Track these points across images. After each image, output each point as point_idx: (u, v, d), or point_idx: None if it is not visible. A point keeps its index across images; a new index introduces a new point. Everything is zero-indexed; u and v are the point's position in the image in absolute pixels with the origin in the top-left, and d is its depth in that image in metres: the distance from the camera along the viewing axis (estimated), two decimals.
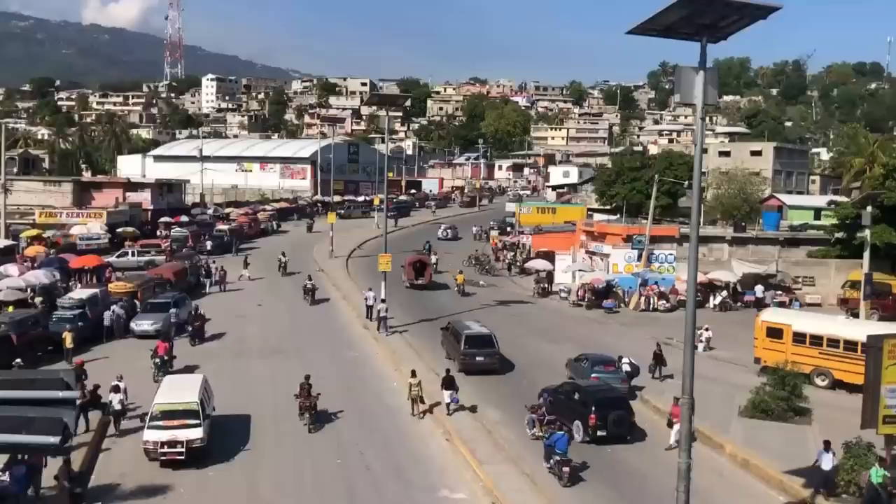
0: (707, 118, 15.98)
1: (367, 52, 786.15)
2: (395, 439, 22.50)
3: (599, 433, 22.19)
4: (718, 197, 64.76)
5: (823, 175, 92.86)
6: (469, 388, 26.64)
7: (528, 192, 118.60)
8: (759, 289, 44.03)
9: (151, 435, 19.45)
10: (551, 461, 19.82)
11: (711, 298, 43.49)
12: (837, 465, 18.33)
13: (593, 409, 22.20)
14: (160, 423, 19.61)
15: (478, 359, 28.50)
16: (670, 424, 21.52)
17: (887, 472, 17.08)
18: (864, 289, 35.39)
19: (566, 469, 19.40)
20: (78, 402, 19.07)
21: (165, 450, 19.29)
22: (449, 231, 69.19)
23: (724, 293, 43.72)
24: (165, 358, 26.48)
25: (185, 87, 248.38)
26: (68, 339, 27.13)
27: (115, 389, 22.48)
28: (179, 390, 21.19)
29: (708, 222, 59.77)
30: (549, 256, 49.46)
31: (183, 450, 19.27)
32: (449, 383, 24.40)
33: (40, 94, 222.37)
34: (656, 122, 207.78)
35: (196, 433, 19.54)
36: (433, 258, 50.65)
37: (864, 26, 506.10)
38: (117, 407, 22.36)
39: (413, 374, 24.38)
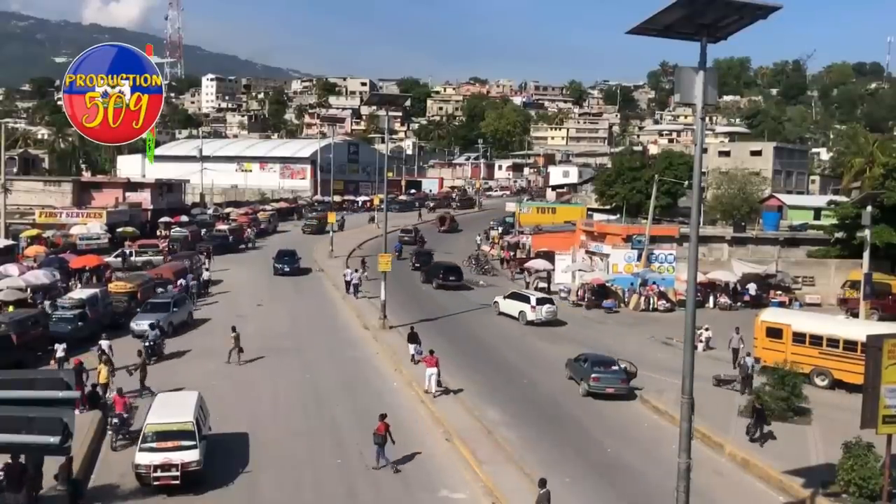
0: (707, 118, 15.97)
1: (367, 52, 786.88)
2: (395, 439, 22.43)
3: (442, 283, 45.46)
4: (718, 197, 64.75)
5: (823, 175, 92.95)
6: (470, 388, 26.78)
7: (504, 192, 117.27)
8: (751, 286, 44.33)
9: (143, 458, 18.22)
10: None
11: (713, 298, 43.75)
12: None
13: (442, 272, 46.40)
14: (153, 444, 18.42)
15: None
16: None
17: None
18: (864, 289, 35.38)
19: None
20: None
21: (159, 473, 18.12)
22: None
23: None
24: (125, 416, 21.58)
25: (185, 87, 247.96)
26: (104, 372, 24.92)
27: (107, 337, 27.63)
28: (173, 409, 19.69)
29: (708, 222, 59.77)
30: (549, 256, 49.48)
31: (178, 473, 18.14)
32: (413, 338, 30.07)
33: (40, 94, 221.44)
34: (656, 122, 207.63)
35: (192, 455, 18.32)
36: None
37: (864, 26, 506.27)
38: (108, 352, 26.37)
39: (233, 329, 29.67)
